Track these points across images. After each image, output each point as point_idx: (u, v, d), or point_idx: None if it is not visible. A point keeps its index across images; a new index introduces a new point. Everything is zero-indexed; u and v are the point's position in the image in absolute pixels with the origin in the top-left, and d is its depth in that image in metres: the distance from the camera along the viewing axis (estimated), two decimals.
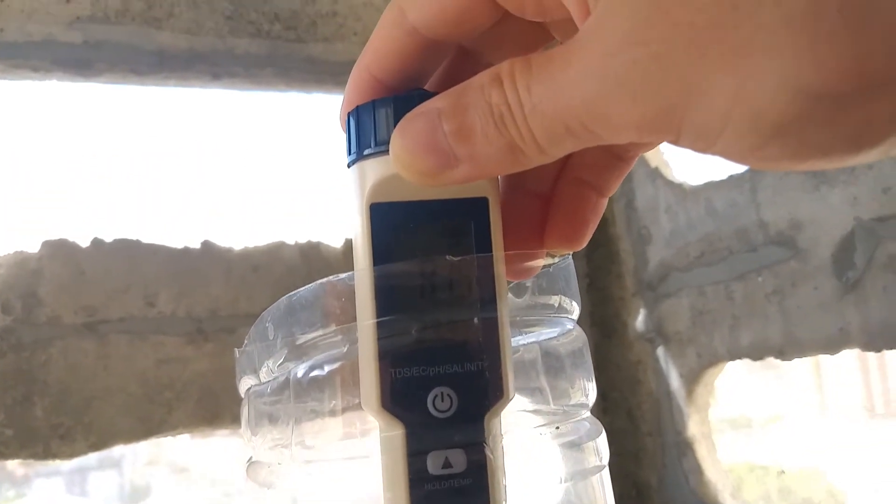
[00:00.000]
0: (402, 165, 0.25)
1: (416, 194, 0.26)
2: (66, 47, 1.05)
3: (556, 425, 0.41)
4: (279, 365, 0.41)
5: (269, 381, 0.41)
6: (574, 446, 0.39)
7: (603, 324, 1.25)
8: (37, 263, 1.00)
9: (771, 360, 1.00)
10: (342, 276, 0.32)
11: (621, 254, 1.22)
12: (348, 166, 0.28)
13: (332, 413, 0.38)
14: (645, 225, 1.17)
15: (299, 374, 0.39)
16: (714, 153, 0.20)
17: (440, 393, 0.27)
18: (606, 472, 0.40)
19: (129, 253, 1.04)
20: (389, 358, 0.27)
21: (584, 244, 0.30)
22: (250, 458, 0.44)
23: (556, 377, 0.41)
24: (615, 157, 0.29)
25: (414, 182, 0.25)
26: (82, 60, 1.06)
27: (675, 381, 1.13)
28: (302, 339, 0.38)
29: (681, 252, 1.11)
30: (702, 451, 1.11)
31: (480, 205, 0.27)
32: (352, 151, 0.28)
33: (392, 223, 0.27)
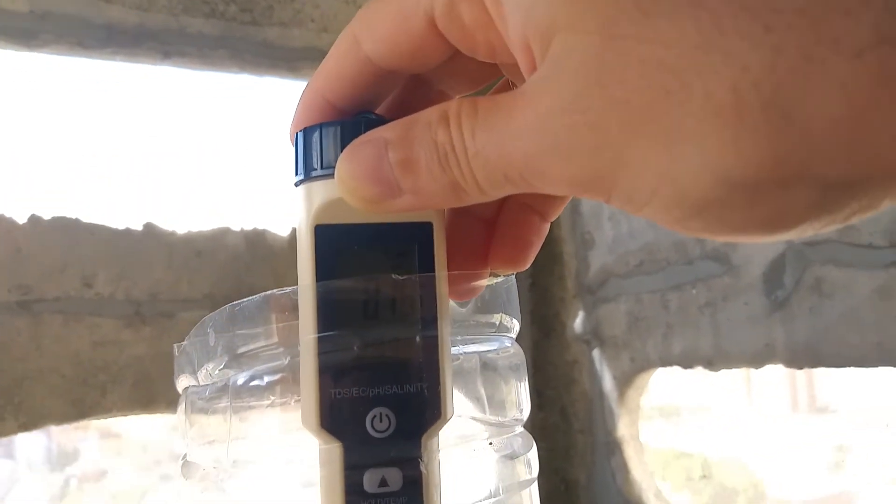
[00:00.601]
0: (347, 191, 0.25)
1: (360, 217, 0.27)
2: (11, 15, 1.01)
3: (490, 441, 0.43)
4: (219, 370, 0.41)
5: (207, 385, 0.41)
6: (507, 460, 0.40)
7: (542, 322, 1.28)
8: None
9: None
10: (287, 289, 0.32)
11: (564, 256, 1.24)
12: (295, 185, 0.28)
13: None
14: (589, 230, 1.20)
15: (239, 382, 0.39)
16: (641, 216, 0.22)
17: (379, 413, 0.27)
18: (535, 486, 0.42)
19: (67, 231, 1.02)
20: (330, 377, 0.27)
21: (527, 266, 0.31)
22: (185, 455, 0.44)
23: (494, 389, 0.41)
24: None
25: (358, 207, 0.25)
26: (27, 30, 1.02)
27: (608, 383, 1.16)
28: (243, 349, 0.38)
29: (621, 259, 1.14)
30: (629, 451, 1.15)
31: (425, 229, 0.28)
32: (298, 172, 0.28)
33: (336, 244, 0.27)
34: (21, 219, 1.00)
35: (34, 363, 0.97)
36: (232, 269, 1.10)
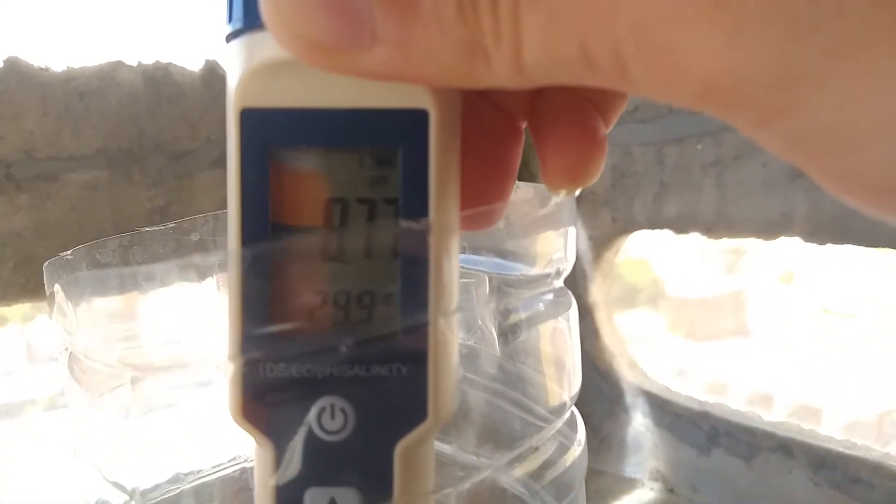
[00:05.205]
0: (281, 26, 0.15)
1: (313, 97, 0.18)
2: None
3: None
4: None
5: None
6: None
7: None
8: None
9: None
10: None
11: None
12: (227, 40, 0.19)
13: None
14: None
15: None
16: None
17: (329, 406, 0.19)
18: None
19: None
20: (256, 344, 0.19)
21: (594, 180, 0.23)
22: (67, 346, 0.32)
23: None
24: None
25: (299, 58, 0.16)
26: None
27: (583, 243, 1.04)
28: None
29: None
30: (601, 316, 1.05)
31: (416, 122, 0.18)
32: (234, 17, 0.18)
33: (274, 143, 0.18)
34: None
35: None
36: (129, 115, 0.86)
